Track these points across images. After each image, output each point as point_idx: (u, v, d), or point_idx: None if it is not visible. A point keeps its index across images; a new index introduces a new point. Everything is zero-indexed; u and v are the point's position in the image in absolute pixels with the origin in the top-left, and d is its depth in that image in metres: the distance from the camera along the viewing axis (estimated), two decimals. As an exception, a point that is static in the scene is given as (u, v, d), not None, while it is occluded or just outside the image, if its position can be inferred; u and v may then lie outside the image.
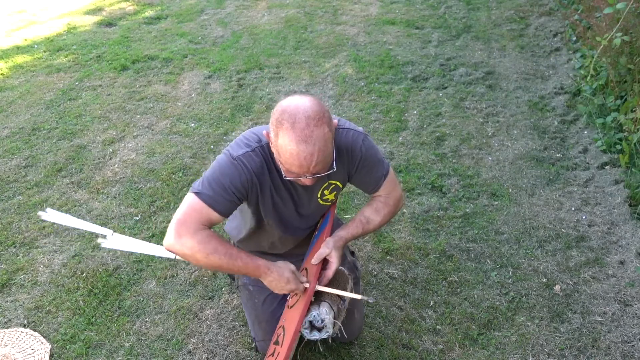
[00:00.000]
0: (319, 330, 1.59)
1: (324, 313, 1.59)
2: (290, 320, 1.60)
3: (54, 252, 2.39)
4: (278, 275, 1.57)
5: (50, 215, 1.94)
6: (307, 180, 1.47)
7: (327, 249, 1.64)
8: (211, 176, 1.51)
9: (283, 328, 1.63)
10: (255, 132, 1.58)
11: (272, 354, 1.59)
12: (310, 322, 1.60)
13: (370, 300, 1.61)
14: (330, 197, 1.72)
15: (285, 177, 1.48)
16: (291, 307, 1.66)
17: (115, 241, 1.93)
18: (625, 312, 2.10)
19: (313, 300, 1.62)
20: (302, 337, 1.61)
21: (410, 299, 2.17)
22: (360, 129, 1.67)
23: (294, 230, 1.78)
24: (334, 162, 1.48)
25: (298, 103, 1.38)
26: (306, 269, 1.70)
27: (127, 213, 2.62)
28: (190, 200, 1.50)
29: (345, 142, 1.61)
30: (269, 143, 1.50)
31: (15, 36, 4.65)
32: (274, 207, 1.66)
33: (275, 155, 1.47)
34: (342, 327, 1.64)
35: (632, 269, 2.28)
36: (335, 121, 1.49)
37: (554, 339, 2.00)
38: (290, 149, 1.36)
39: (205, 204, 1.48)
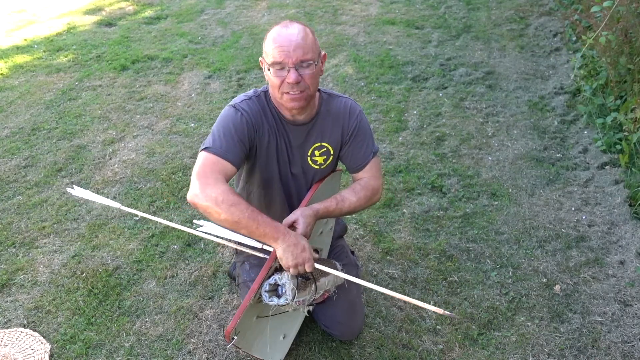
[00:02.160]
0: (279, 297, 1.60)
1: (285, 278, 1.59)
2: (255, 281, 1.61)
3: (54, 252, 2.39)
4: (296, 240, 1.55)
5: (77, 191, 1.94)
6: (290, 76, 1.53)
7: (294, 215, 1.64)
8: (217, 128, 1.61)
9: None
10: (251, 90, 1.73)
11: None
12: (274, 288, 1.60)
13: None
14: (320, 160, 1.77)
15: (272, 75, 1.55)
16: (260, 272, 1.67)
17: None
18: (625, 312, 2.10)
19: (278, 267, 1.62)
20: (265, 303, 1.61)
21: (410, 299, 2.17)
22: (355, 102, 1.79)
23: (281, 189, 1.80)
24: (319, 60, 1.59)
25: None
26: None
27: (127, 213, 2.62)
28: (203, 157, 1.57)
29: (343, 107, 1.75)
30: (264, 89, 1.68)
31: (15, 36, 4.65)
32: (268, 156, 1.71)
33: (266, 73, 1.58)
34: (332, 316, 1.67)
35: (632, 269, 2.28)
36: (324, 52, 1.65)
37: (554, 339, 2.00)
38: (273, 35, 1.54)
39: (218, 156, 1.56)
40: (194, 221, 1.79)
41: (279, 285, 1.60)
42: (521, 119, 3.36)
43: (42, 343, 1.97)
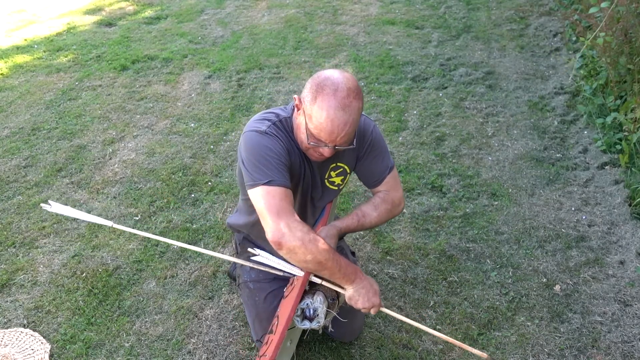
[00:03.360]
0: (311, 320, 1.59)
1: (317, 302, 1.59)
2: (284, 309, 1.60)
3: (54, 252, 2.39)
4: (369, 285, 1.57)
5: (54, 207, 1.94)
6: (325, 151, 1.49)
7: (321, 235, 1.63)
8: (256, 160, 1.48)
9: (277, 317, 1.64)
10: (267, 112, 1.62)
11: (267, 343, 1.59)
12: (303, 310, 1.60)
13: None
14: (337, 180, 1.73)
15: (308, 141, 1.49)
16: (286, 297, 1.66)
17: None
18: (625, 312, 2.10)
19: (307, 289, 1.62)
20: (296, 327, 1.61)
21: (410, 299, 2.17)
22: (368, 117, 1.73)
23: (304, 212, 1.77)
24: (355, 140, 1.53)
25: (340, 74, 1.45)
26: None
27: (127, 213, 2.62)
28: (263, 193, 1.44)
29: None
30: (287, 116, 1.58)
31: (15, 36, 4.65)
32: (293, 180, 1.64)
33: (300, 123, 1.49)
34: (334, 319, 1.65)
35: (632, 269, 2.28)
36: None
37: (554, 339, 2.00)
38: (327, 114, 1.41)
39: (283, 187, 1.46)
40: (249, 249, 1.74)
41: (308, 307, 1.60)
42: (521, 119, 3.36)
43: (42, 343, 1.97)
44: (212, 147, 3.12)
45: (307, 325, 1.59)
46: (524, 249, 2.41)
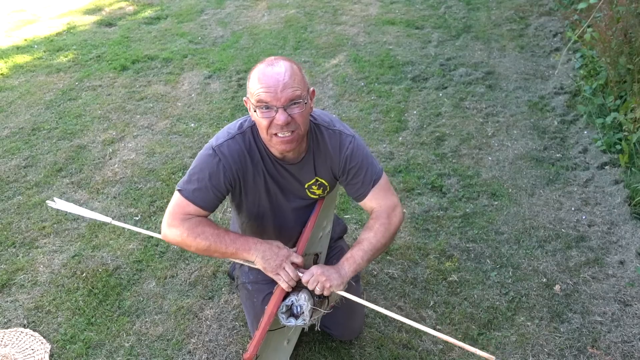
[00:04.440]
0: (296, 317, 1.59)
1: (302, 299, 1.58)
2: (269, 305, 1.60)
3: (54, 252, 2.39)
4: (269, 244, 1.57)
5: (58, 203, 1.95)
6: (279, 117, 1.43)
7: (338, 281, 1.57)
8: (193, 170, 1.58)
9: (264, 312, 1.63)
10: (237, 121, 1.63)
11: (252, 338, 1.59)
12: (289, 307, 1.59)
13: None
14: (318, 192, 1.71)
15: (258, 115, 1.46)
16: (274, 293, 1.66)
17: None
18: (625, 312, 2.10)
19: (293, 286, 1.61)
20: (285, 326, 1.60)
21: (410, 299, 2.17)
22: (351, 130, 1.66)
23: (279, 222, 1.75)
24: (308, 98, 1.48)
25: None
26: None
27: (127, 213, 2.62)
28: (175, 197, 1.58)
29: (332, 142, 1.62)
30: (249, 124, 1.58)
31: (15, 36, 4.65)
32: (256, 194, 1.65)
33: (252, 112, 1.50)
34: (332, 319, 1.65)
35: (632, 269, 2.28)
36: (313, 88, 1.55)
37: (554, 339, 2.00)
38: (257, 75, 1.45)
39: (187, 200, 1.56)
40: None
41: (294, 305, 1.59)
42: (521, 119, 3.36)
43: (42, 343, 1.97)
44: (212, 147, 3.12)
45: (292, 322, 1.58)
46: (524, 249, 2.41)
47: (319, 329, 1.72)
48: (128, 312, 2.11)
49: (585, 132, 3.18)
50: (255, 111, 1.48)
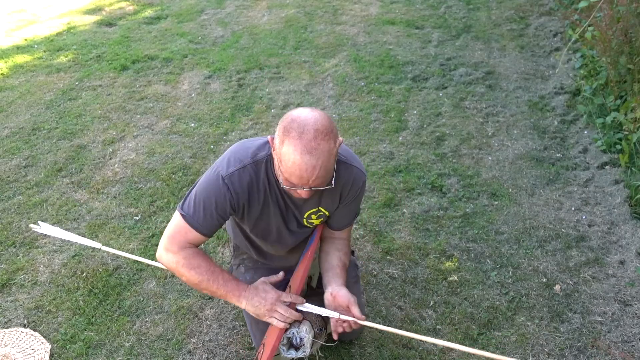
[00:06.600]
0: (297, 349, 1.59)
1: (303, 332, 1.58)
2: (270, 337, 1.60)
3: (54, 252, 2.39)
4: (254, 290, 1.59)
5: (43, 228, 1.96)
6: (303, 193, 1.45)
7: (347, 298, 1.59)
8: (199, 196, 1.54)
9: (263, 345, 1.63)
10: (248, 146, 1.56)
11: None
12: (289, 339, 1.59)
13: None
14: (316, 222, 1.71)
15: (282, 185, 1.46)
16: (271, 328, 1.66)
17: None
18: (625, 312, 2.10)
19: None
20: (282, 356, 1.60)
21: (410, 299, 2.17)
22: (363, 167, 1.67)
23: (278, 242, 1.75)
24: (333, 180, 1.47)
25: (308, 115, 1.38)
26: (289, 286, 1.70)
27: (127, 213, 2.62)
28: (177, 221, 1.56)
29: (348, 177, 1.61)
30: (265, 156, 1.52)
31: (15, 36, 4.65)
32: (259, 220, 1.64)
33: (276, 163, 1.45)
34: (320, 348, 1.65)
35: (632, 269, 2.28)
36: (341, 139, 1.46)
37: (554, 339, 2.00)
38: (293, 159, 1.35)
39: (191, 226, 1.54)
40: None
41: (294, 336, 1.59)
42: (521, 119, 3.36)
43: (42, 343, 1.97)
44: (212, 147, 3.12)
45: (292, 354, 1.58)
46: (524, 248, 2.41)
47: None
48: (128, 312, 2.11)
49: (586, 132, 3.18)
50: (279, 177, 1.46)
